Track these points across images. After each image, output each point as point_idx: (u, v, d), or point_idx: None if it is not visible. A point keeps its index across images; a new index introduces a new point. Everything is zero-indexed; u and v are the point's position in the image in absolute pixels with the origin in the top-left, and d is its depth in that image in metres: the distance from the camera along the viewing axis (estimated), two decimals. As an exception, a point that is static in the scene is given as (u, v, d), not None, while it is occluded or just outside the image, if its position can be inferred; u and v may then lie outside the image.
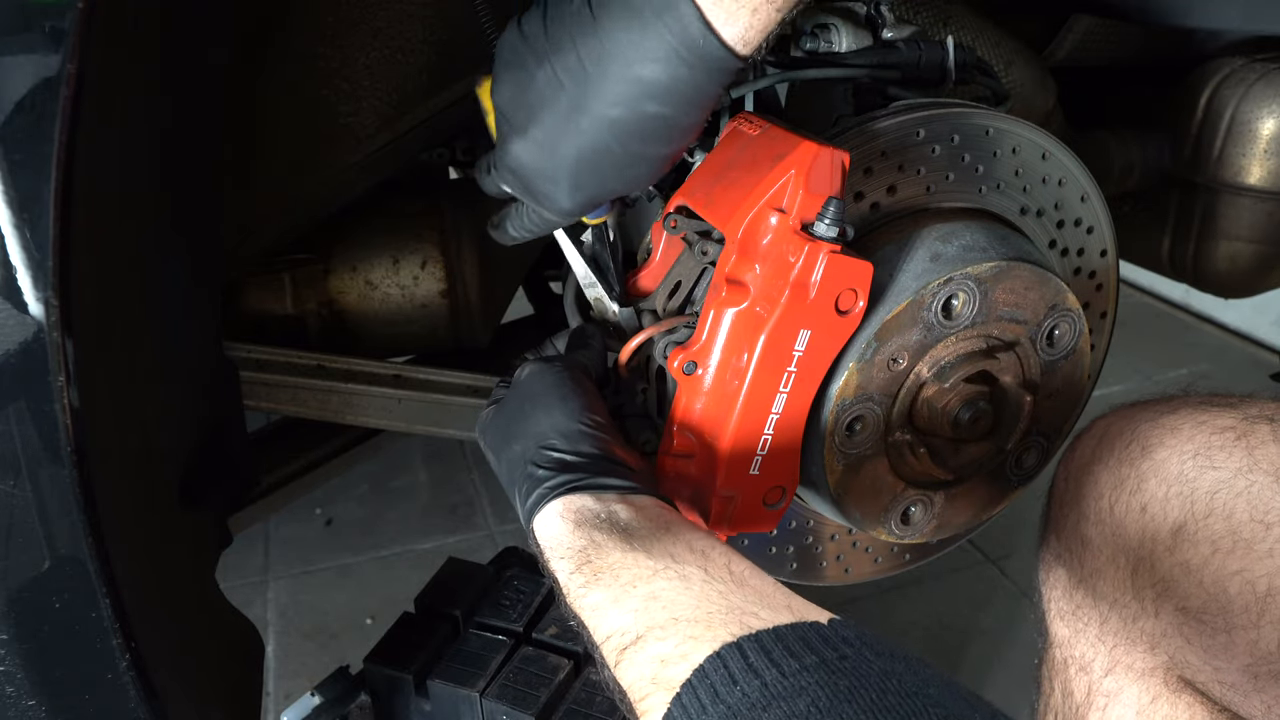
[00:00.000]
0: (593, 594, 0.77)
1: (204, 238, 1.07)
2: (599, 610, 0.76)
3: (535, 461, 0.89)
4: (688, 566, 0.76)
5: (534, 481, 0.88)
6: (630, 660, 0.70)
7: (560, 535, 0.83)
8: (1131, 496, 1.00)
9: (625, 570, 0.77)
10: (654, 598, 0.73)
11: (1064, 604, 1.10)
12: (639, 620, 0.72)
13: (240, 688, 1.12)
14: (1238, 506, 0.92)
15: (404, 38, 1.16)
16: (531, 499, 0.87)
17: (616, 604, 0.75)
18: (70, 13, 0.70)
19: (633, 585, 0.75)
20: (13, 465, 0.77)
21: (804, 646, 0.63)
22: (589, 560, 0.79)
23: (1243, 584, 0.91)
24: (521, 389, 0.97)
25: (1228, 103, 1.60)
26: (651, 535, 0.81)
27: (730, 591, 0.73)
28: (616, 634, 0.73)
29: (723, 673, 0.63)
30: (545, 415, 0.92)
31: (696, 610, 0.70)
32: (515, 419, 0.95)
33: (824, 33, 1.10)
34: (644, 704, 0.67)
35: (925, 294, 0.97)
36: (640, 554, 0.78)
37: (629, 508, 0.84)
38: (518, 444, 0.92)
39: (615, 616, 0.74)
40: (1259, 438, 0.95)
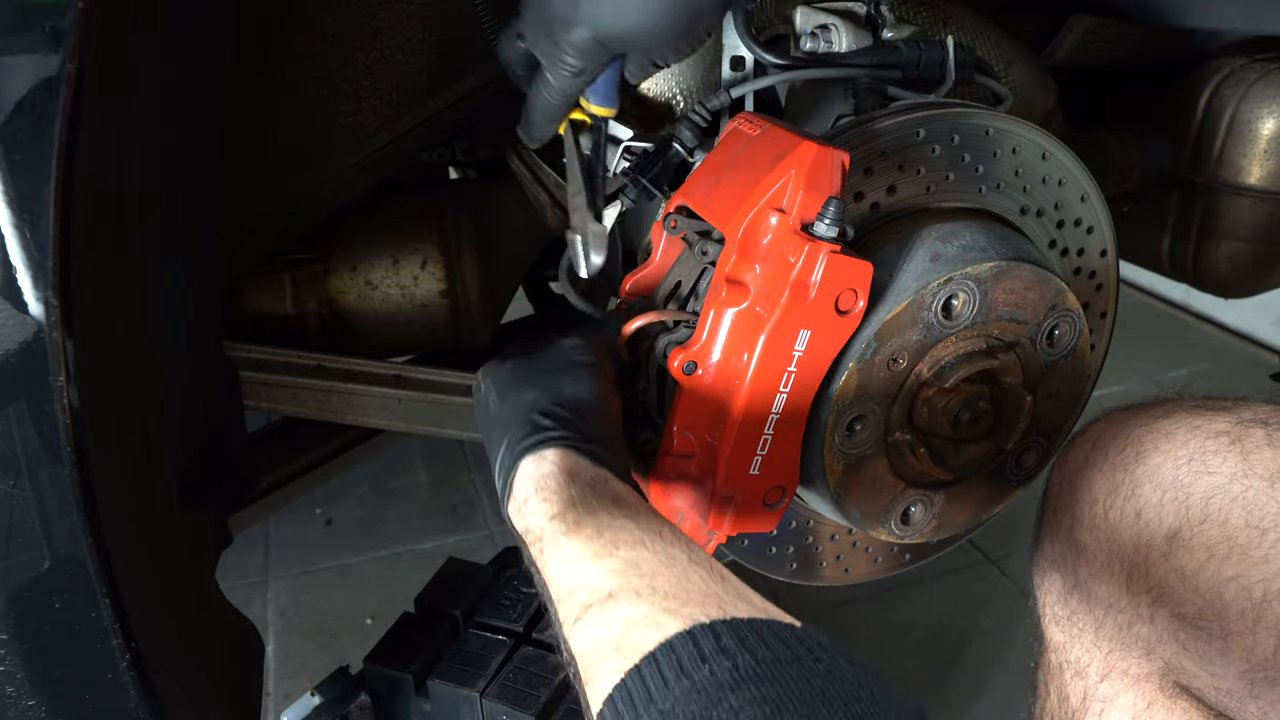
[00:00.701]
0: (569, 543, 0.75)
1: (204, 238, 1.07)
2: (571, 561, 0.74)
3: (546, 411, 0.88)
4: (673, 548, 0.74)
5: (537, 427, 0.87)
6: (593, 620, 0.68)
7: (549, 479, 0.81)
8: (1126, 502, 1.00)
9: (610, 530, 0.75)
10: (635, 564, 0.71)
11: (1059, 609, 1.10)
12: (614, 580, 0.70)
13: (240, 688, 1.12)
14: (1233, 512, 0.92)
15: (404, 38, 1.16)
16: (530, 440, 0.85)
17: (595, 559, 0.73)
18: (70, 13, 0.70)
19: (615, 546, 0.73)
20: (13, 465, 0.77)
21: (779, 641, 0.62)
22: (574, 508, 0.78)
23: (1238, 590, 0.91)
24: (560, 351, 0.97)
25: (1228, 103, 1.60)
26: (640, 511, 0.80)
27: (712, 581, 0.71)
28: (584, 589, 0.71)
29: (691, 650, 0.61)
30: (571, 380, 0.92)
31: (676, 586, 0.68)
32: (542, 372, 0.94)
33: (824, 33, 1.10)
34: (595, 669, 0.65)
35: (925, 294, 0.97)
36: (628, 521, 0.76)
37: (622, 486, 0.83)
38: (532, 391, 0.91)
39: (589, 571, 0.72)
40: (1254, 442, 0.94)
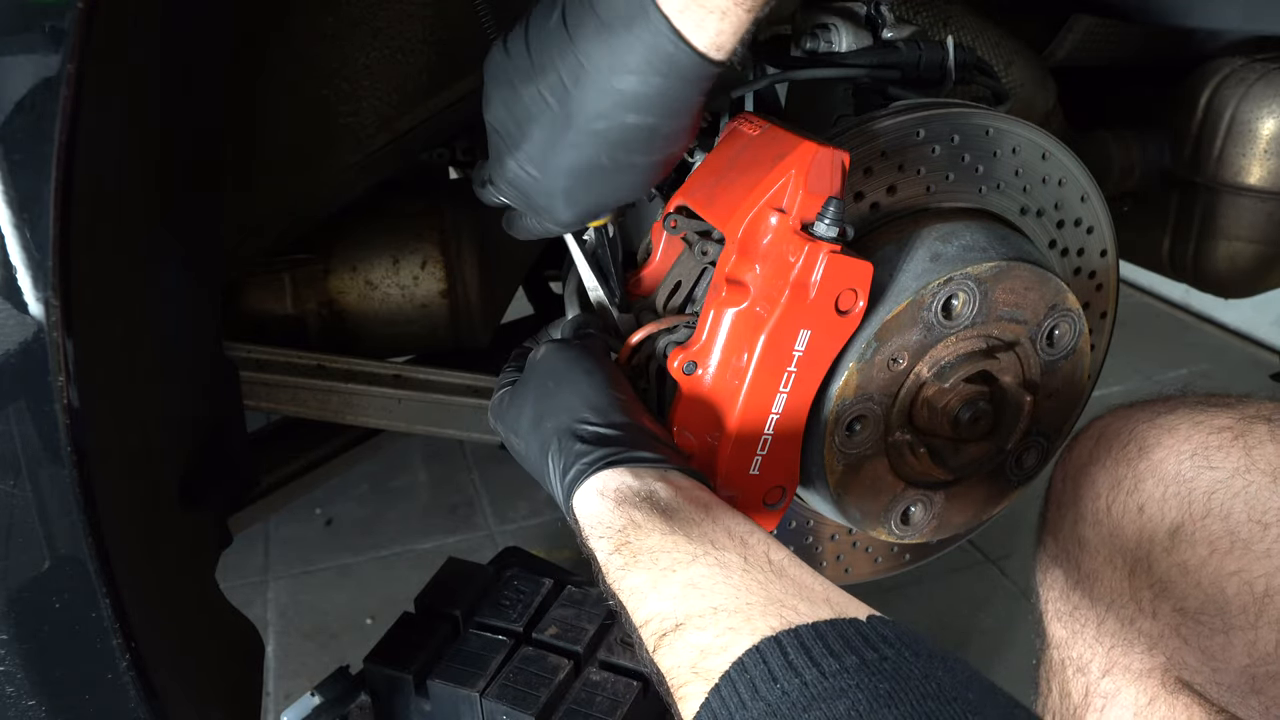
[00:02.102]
0: (631, 576, 0.76)
1: (204, 238, 1.07)
2: (638, 594, 0.75)
3: (573, 435, 0.88)
4: (727, 553, 0.75)
5: (572, 456, 0.87)
6: (670, 647, 0.70)
7: (600, 514, 0.82)
8: (1129, 497, 1.00)
9: (664, 554, 0.76)
10: (693, 585, 0.72)
11: (1061, 605, 1.10)
12: (678, 607, 0.71)
13: (240, 688, 1.12)
14: (1235, 507, 0.92)
15: (404, 38, 1.16)
16: (570, 475, 0.86)
17: (655, 589, 0.74)
18: (70, 13, 0.70)
19: (672, 570, 0.74)
20: (13, 465, 0.77)
21: (844, 645, 0.63)
22: (628, 541, 0.79)
23: (1240, 584, 0.91)
24: (541, 368, 0.97)
25: (1228, 103, 1.60)
26: (691, 518, 0.80)
27: (769, 581, 0.72)
28: (655, 619, 0.72)
29: (762, 668, 0.63)
30: (573, 390, 0.92)
31: (736, 600, 0.70)
32: (541, 397, 0.94)
33: (824, 33, 1.10)
34: (683, 690, 0.67)
35: (925, 294, 0.97)
36: (680, 537, 0.77)
37: (668, 486, 0.84)
38: (549, 421, 0.91)
39: (654, 601, 0.73)
40: (1256, 438, 0.94)
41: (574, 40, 0.82)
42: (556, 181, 0.90)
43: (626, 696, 1.07)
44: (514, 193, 0.95)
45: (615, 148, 0.85)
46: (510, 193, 0.96)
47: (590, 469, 0.85)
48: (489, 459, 2.54)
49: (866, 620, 0.66)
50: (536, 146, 0.88)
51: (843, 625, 0.65)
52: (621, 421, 0.89)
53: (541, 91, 0.86)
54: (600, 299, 1.09)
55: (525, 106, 0.88)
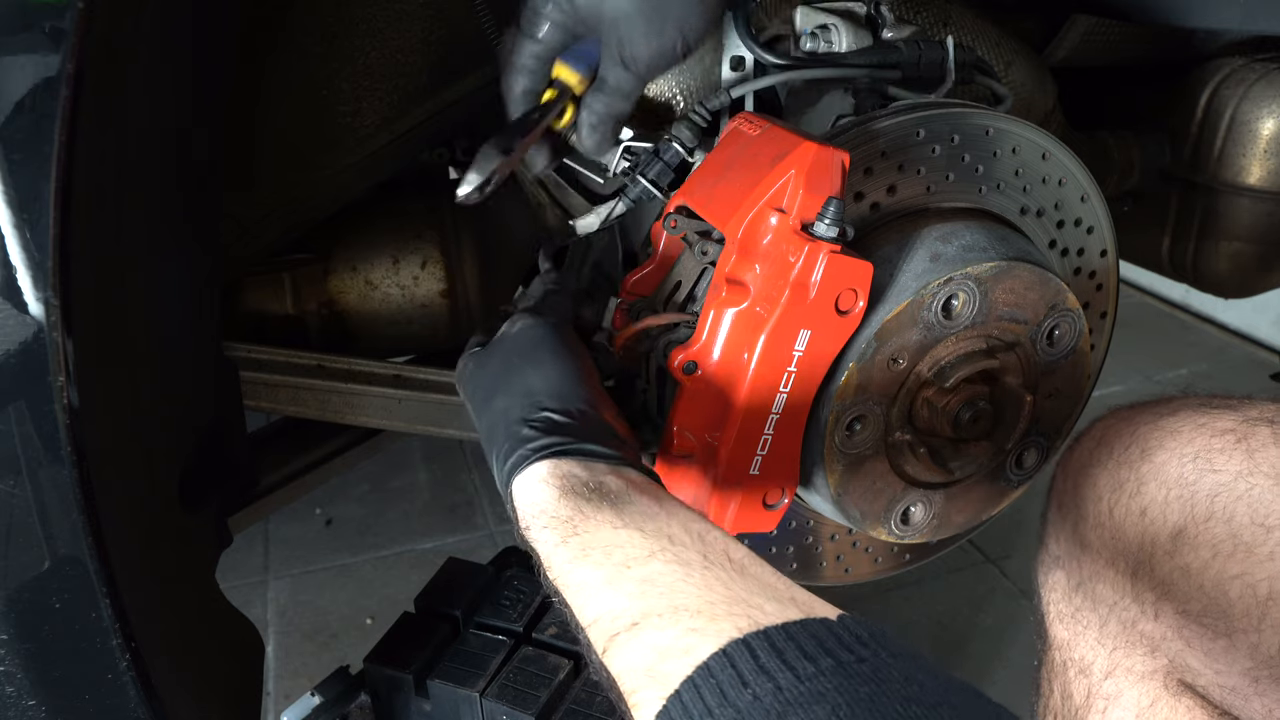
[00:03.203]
0: (580, 570, 0.72)
1: (204, 238, 1.07)
2: (586, 589, 0.71)
3: (523, 419, 0.84)
4: (686, 550, 0.71)
5: (517, 440, 0.83)
6: (623, 648, 0.66)
7: (543, 502, 0.78)
8: (1131, 499, 1.00)
9: (618, 549, 0.72)
10: (651, 581, 0.68)
11: (1063, 607, 1.10)
12: (634, 605, 0.67)
13: (240, 688, 1.12)
14: (1238, 510, 0.92)
15: (404, 38, 1.16)
16: (513, 459, 0.82)
17: (609, 585, 0.70)
18: (70, 13, 0.70)
19: (626, 566, 0.70)
20: (13, 465, 0.77)
21: (818, 647, 0.59)
22: (576, 533, 0.74)
23: (1243, 587, 0.91)
24: (510, 342, 0.93)
25: (1228, 103, 1.60)
26: (644, 512, 0.76)
27: (732, 580, 0.67)
28: (606, 617, 0.68)
29: (730, 672, 0.58)
30: (536, 371, 0.88)
31: (698, 599, 0.65)
32: (503, 372, 0.90)
33: (824, 33, 1.10)
34: (636, 696, 0.63)
35: (925, 294, 0.97)
36: (634, 531, 0.73)
37: (619, 479, 0.79)
38: (502, 398, 0.88)
39: (607, 598, 0.69)
40: (1259, 440, 0.94)
41: None
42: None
43: (626, 697, 1.06)
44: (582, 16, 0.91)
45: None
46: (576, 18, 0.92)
47: (535, 455, 0.81)
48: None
49: (837, 620, 0.62)
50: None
51: (814, 625, 0.61)
52: (579, 411, 0.85)
53: None
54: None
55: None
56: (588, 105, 0.97)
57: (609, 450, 0.83)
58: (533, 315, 0.95)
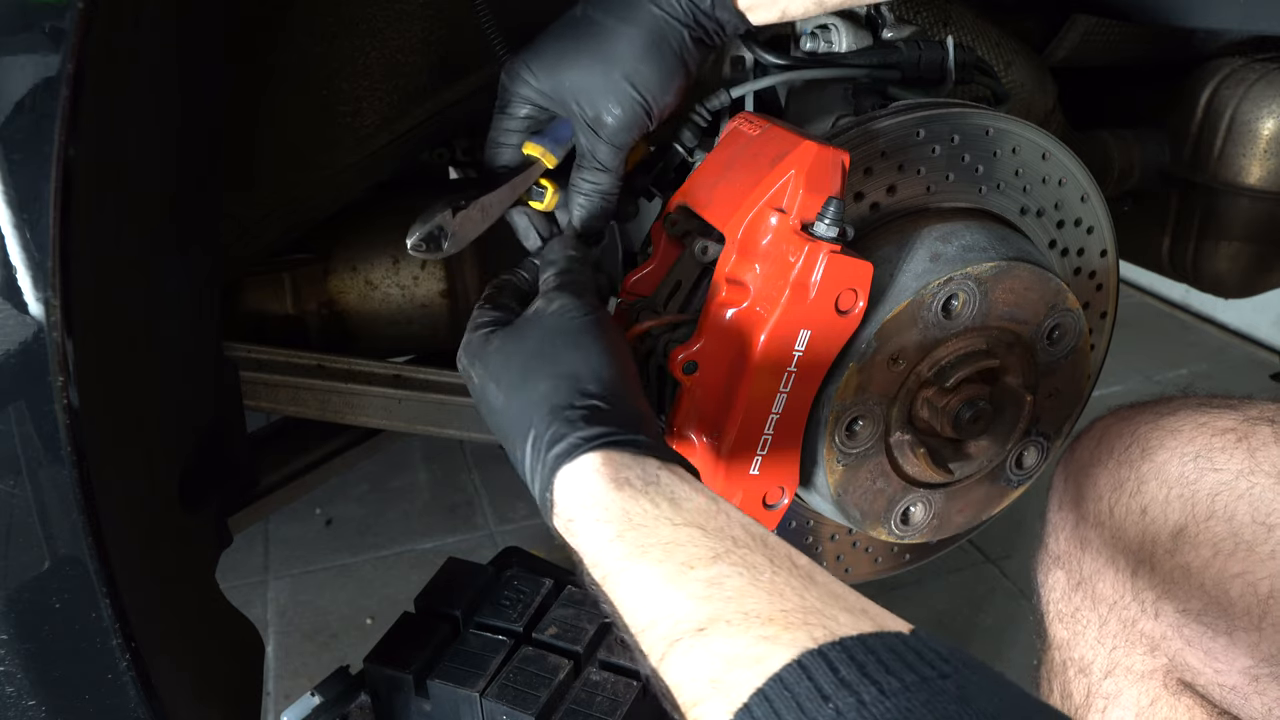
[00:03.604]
0: (636, 569, 0.67)
1: (204, 238, 1.07)
2: (643, 590, 0.66)
3: (570, 405, 0.79)
4: (752, 553, 0.66)
5: (565, 426, 0.77)
6: (685, 654, 0.61)
7: (595, 494, 0.73)
8: (1131, 498, 1.00)
9: (679, 547, 0.67)
10: (717, 584, 0.64)
11: (1063, 606, 1.10)
12: (699, 609, 0.62)
13: (240, 688, 1.12)
14: (1239, 508, 0.92)
15: (404, 38, 1.16)
16: (560, 446, 0.76)
17: (670, 585, 0.65)
18: (70, 13, 0.70)
19: (689, 566, 0.65)
20: (13, 465, 0.76)
21: (899, 661, 0.55)
22: (632, 528, 0.70)
23: (1244, 586, 0.91)
24: (551, 321, 0.87)
25: (1228, 103, 1.60)
26: (704, 510, 0.71)
27: (803, 588, 0.63)
28: (666, 620, 0.63)
29: (807, 685, 0.54)
30: (581, 356, 0.83)
31: (769, 605, 0.61)
32: (541, 352, 0.84)
33: (824, 33, 1.10)
34: (699, 709, 0.59)
35: (925, 294, 0.97)
36: (695, 530, 0.68)
37: (672, 475, 0.75)
38: (544, 382, 0.81)
39: (667, 600, 0.64)
40: (1260, 439, 0.95)
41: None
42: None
43: (626, 696, 1.07)
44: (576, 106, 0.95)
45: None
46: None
47: (586, 445, 0.76)
48: (489, 459, 2.54)
49: (912, 634, 0.58)
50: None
51: (891, 639, 0.57)
52: (627, 402, 0.81)
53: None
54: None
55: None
56: (574, 183, 1.00)
57: (661, 447, 0.78)
58: (571, 295, 0.89)
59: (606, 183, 0.98)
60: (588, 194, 0.99)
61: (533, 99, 0.98)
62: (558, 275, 0.93)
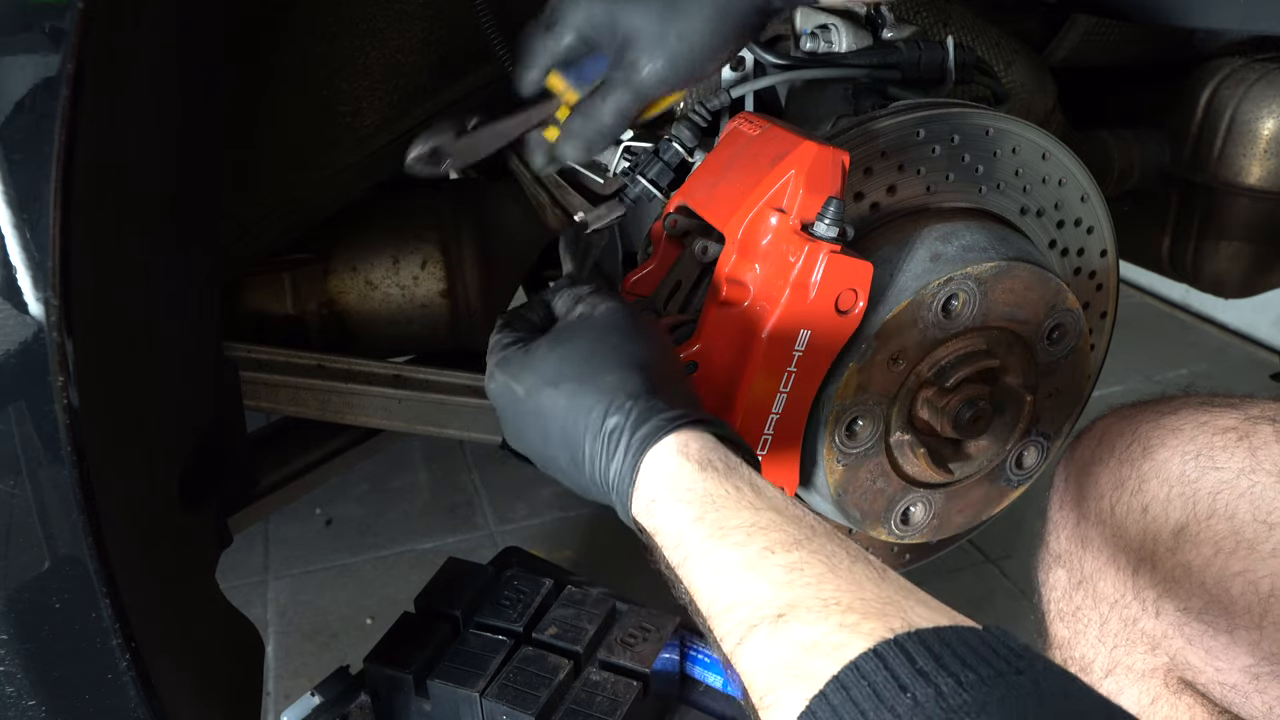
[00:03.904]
0: (717, 552, 0.67)
1: (204, 238, 1.07)
2: (723, 572, 0.66)
3: (648, 391, 0.78)
4: (829, 543, 0.66)
5: (649, 410, 0.77)
6: (763, 641, 0.61)
7: (680, 475, 0.73)
8: (1133, 497, 1.00)
9: (760, 531, 0.67)
10: (798, 570, 0.63)
11: (1064, 605, 1.10)
12: (780, 594, 0.62)
13: (240, 688, 1.12)
14: (1240, 507, 0.92)
15: (404, 38, 1.16)
16: (645, 428, 0.76)
17: (750, 569, 0.65)
18: (70, 13, 0.70)
19: (770, 550, 0.65)
20: (13, 465, 0.76)
21: (975, 655, 0.55)
22: (714, 511, 0.69)
23: (1245, 585, 0.91)
24: (600, 320, 0.86)
25: (1228, 103, 1.60)
26: (783, 498, 0.71)
27: (880, 580, 0.63)
28: (745, 605, 0.63)
29: (884, 674, 0.54)
30: (646, 347, 0.83)
31: (849, 594, 0.60)
32: (597, 351, 0.83)
33: (824, 33, 1.10)
34: (773, 696, 0.58)
35: (925, 294, 0.97)
36: (775, 515, 0.68)
37: (750, 466, 0.75)
38: (610, 374, 0.80)
39: (747, 584, 0.64)
40: (1261, 438, 0.95)
41: None
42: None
43: (626, 696, 1.07)
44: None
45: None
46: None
47: (672, 425, 0.76)
48: (489, 459, 2.53)
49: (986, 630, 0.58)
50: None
51: (967, 633, 0.56)
52: (689, 392, 0.82)
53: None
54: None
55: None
56: (579, 111, 0.95)
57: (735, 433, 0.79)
58: (613, 297, 0.89)
59: (609, 128, 0.94)
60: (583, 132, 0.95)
61: (581, 27, 0.92)
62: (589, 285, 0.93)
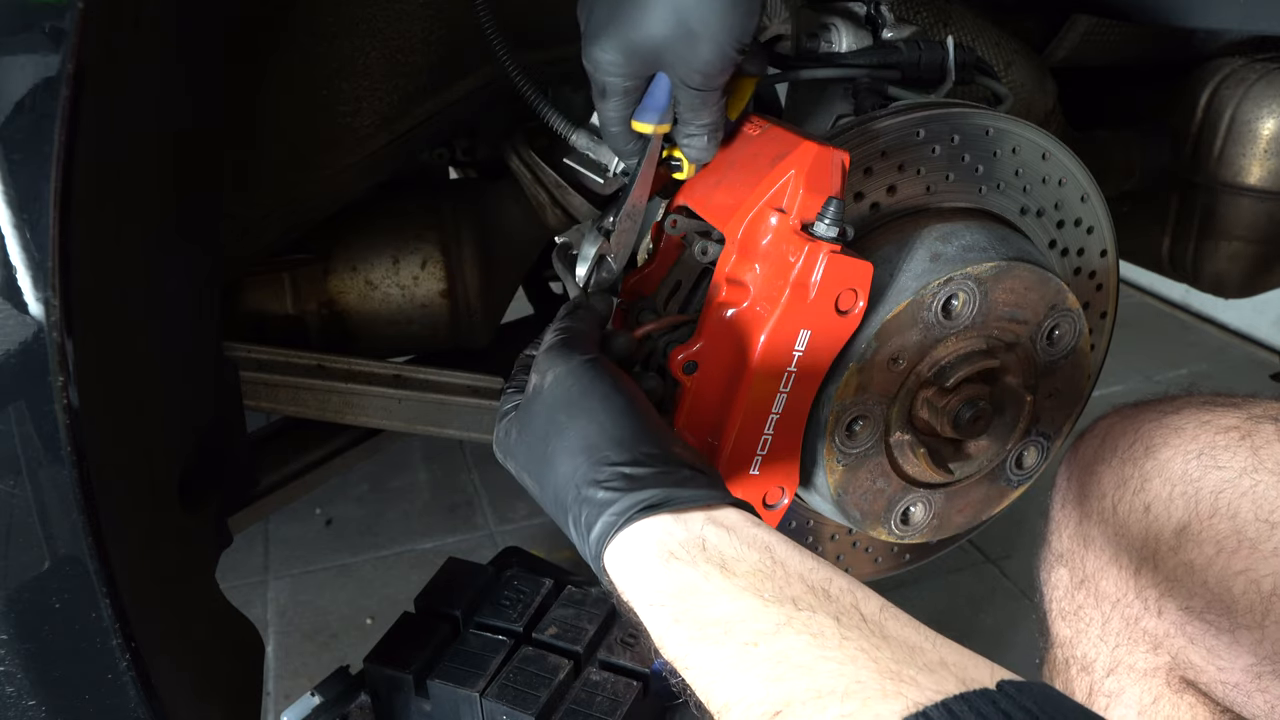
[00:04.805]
0: (701, 652, 0.65)
1: (204, 238, 1.07)
2: (711, 673, 0.64)
3: (593, 480, 0.76)
4: (815, 615, 0.63)
5: (595, 506, 0.74)
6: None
7: (645, 576, 0.70)
8: (1135, 496, 1.00)
9: (739, 624, 0.64)
10: (784, 660, 0.61)
11: (1066, 604, 1.10)
12: (770, 691, 0.60)
13: (240, 688, 1.12)
14: (1242, 506, 0.92)
15: (404, 38, 1.16)
16: (597, 529, 0.74)
17: (736, 667, 0.63)
18: (70, 13, 0.70)
19: (754, 644, 0.63)
20: (13, 465, 0.76)
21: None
22: (689, 609, 0.67)
23: (1247, 583, 0.91)
24: (548, 396, 0.83)
25: (1228, 103, 1.61)
26: (759, 570, 0.68)
27: (874, 647, 0.60)
28: (739, 704, 0.61)
29: None
30: (589, 421, 0.80)
31: (842, 678, 0.58)
32: (552, 434, 0.81)
33: (824, 33, 1.10)
34: None
35: (925, 294, 0.97)
36: (753, 599, 0.65)
37: (719, 529, 0.71)
38: (564, 463, 0.78)
39: (736, 683, 0.62)
40: (1263, 437, 0.95)
41: None
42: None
43: (626, 696, 1.07)
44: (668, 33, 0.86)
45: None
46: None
47: (622, 521, 0.73)
48: (489, 459, 2.52)
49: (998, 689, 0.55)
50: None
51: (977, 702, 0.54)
52: (650, 454, 0.77)
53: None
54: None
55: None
56: (681, 136, 0.96)
57: (696, 492, 0.75)
58: (563, 356, 0.86)
59: (712, 119, 0.93)
60: (698, 134, 0.94)
61: (622, 71, 0.90)
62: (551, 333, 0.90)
